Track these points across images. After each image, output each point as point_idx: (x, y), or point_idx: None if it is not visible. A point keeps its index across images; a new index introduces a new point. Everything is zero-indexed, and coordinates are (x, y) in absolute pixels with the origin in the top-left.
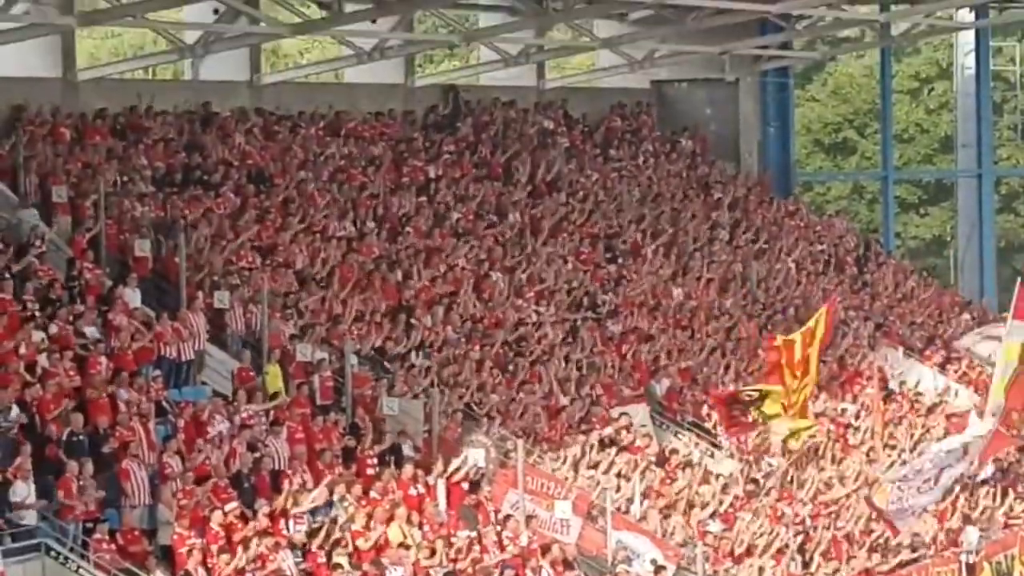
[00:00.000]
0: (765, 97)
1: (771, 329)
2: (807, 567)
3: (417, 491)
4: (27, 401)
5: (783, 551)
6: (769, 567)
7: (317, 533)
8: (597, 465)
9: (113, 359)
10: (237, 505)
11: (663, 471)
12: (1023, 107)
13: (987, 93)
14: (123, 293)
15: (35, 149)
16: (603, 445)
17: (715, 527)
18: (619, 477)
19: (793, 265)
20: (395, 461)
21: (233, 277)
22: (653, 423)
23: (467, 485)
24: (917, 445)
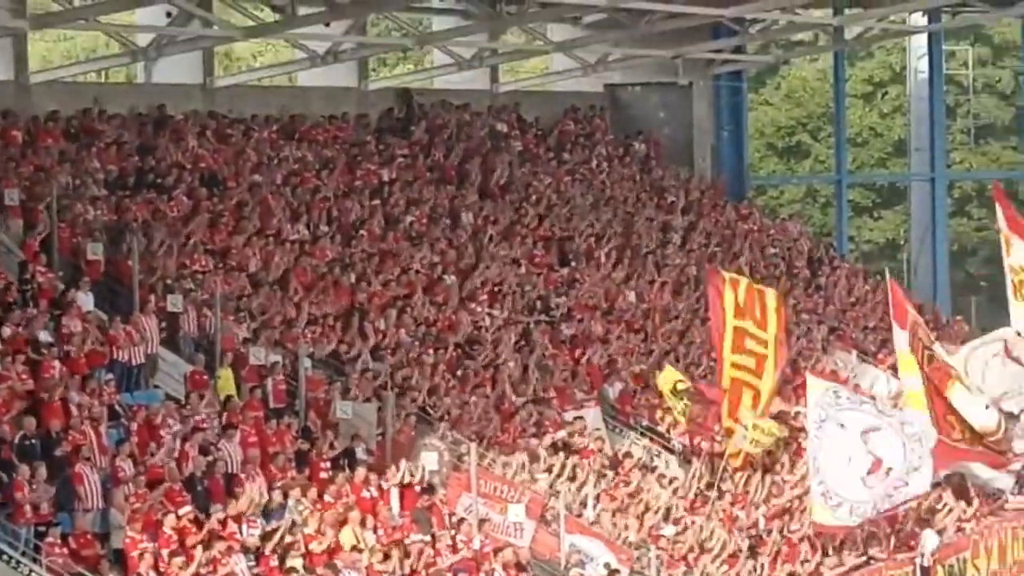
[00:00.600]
0: (718, 101)
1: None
2: (760, 570)
3: (370, 494)
4: None
5: (736, 555)
6: (722, 571)
7: (270, 537)
8: (550, 468)
9: (66, 363)
10: (191, 509)
11: (616, 474)
12: (976, 111)
13: (940, 97)
14: (76, 296)
15: None
16: (556, 448)
17: (668, 530)
18: (572, 480)
19: (746, 268)
20: (348, 465)
21: (186, 280)
22: (606, 426)
23: (420, 488)
24: None
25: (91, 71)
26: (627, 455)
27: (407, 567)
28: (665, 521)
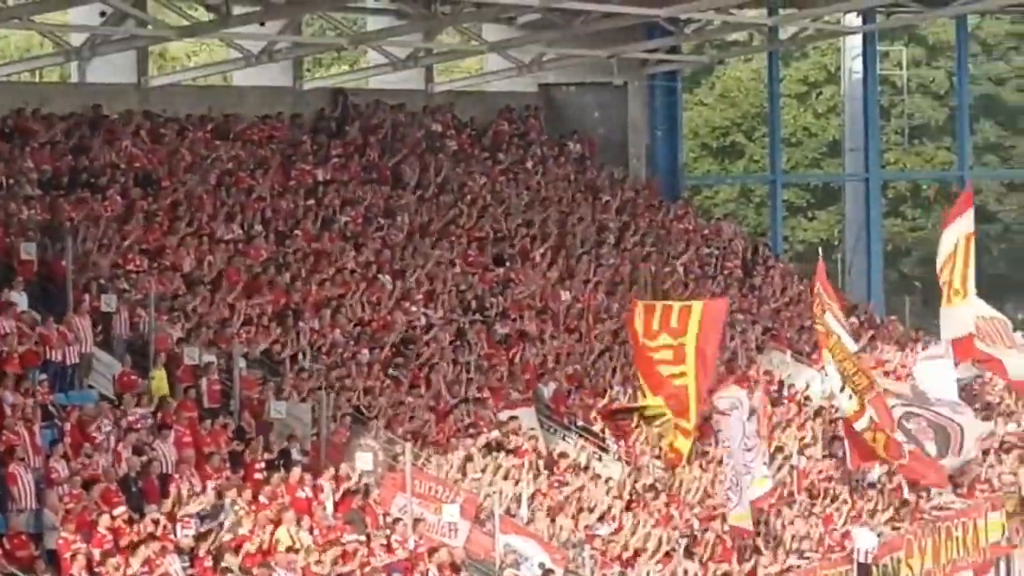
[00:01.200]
0: (653, 101)
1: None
2: (694, 571)
3: (305, 495)
4: None
5: (671, 554)
6: (657, 570)
7: (205, 537)
8: (485, 468)
9: None
10: (125, 509)
11: (551, 474)
12: (910, 111)
13: (874, 97)
14: (9, 296)
15: None
16: (491, 448)
17: (603, 530)
18: (507, 480)
19: (681, 268)
20: (283, 465)
21: (120, 280)
22: (541, 426)
23: (355, 489)
24: (805, 449)
25: (25, 71)
26: (562, 455)
27: (342, 568)
28: (600, 521)
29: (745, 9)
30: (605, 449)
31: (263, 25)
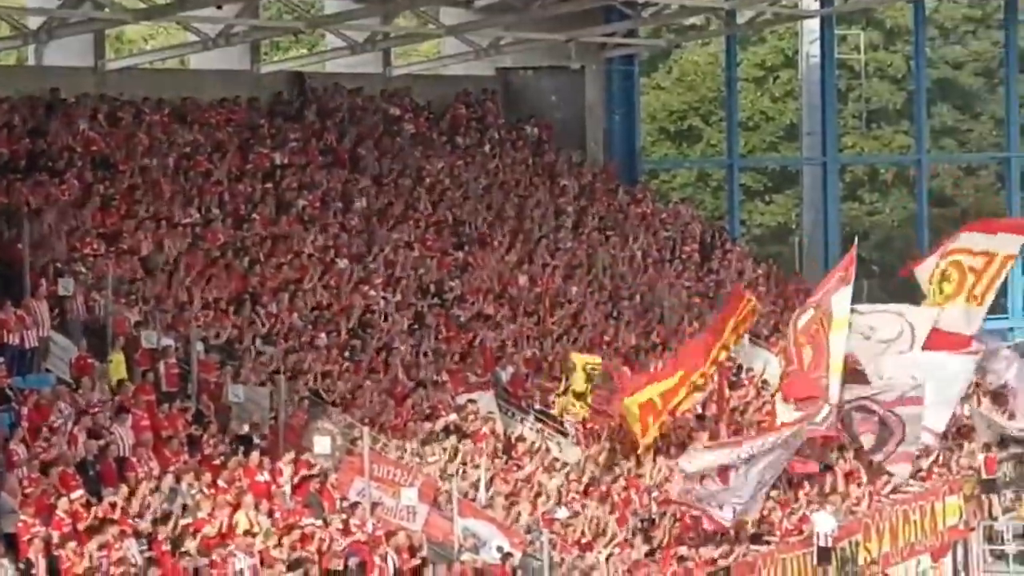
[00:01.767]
0: (610, 85)
1: (617, 317)
2: (652, 554)
3: (264, 478)
4: None
5: (629, 539)
6: (615, 554)
7: (163, 521)
8: (443, 452)
9: None
10: (83, 493)
11: (509, 458)
12: (868, 95)
13: (832, 81)
14: None
15: None
16: (449, 432)
17: (561, 514)
18: (465, 464)
19: (639, 252)
20: (242, 449)
21: (77, 264)
22: (499, 410)
23: (312, 472)
24: (762, 433)
25: None
26: (520, 439)
27: (301, 551)
28: (558, 505)
29: None
30: (563, 433)
31: (220, 8)
